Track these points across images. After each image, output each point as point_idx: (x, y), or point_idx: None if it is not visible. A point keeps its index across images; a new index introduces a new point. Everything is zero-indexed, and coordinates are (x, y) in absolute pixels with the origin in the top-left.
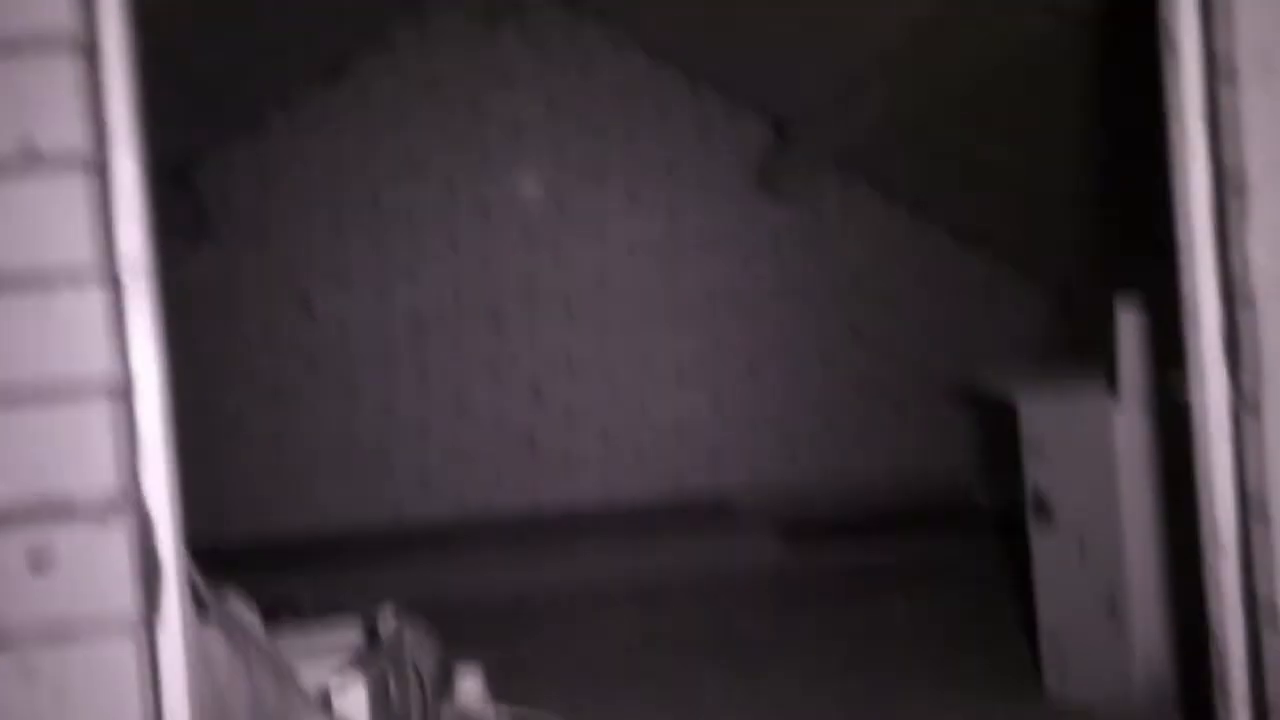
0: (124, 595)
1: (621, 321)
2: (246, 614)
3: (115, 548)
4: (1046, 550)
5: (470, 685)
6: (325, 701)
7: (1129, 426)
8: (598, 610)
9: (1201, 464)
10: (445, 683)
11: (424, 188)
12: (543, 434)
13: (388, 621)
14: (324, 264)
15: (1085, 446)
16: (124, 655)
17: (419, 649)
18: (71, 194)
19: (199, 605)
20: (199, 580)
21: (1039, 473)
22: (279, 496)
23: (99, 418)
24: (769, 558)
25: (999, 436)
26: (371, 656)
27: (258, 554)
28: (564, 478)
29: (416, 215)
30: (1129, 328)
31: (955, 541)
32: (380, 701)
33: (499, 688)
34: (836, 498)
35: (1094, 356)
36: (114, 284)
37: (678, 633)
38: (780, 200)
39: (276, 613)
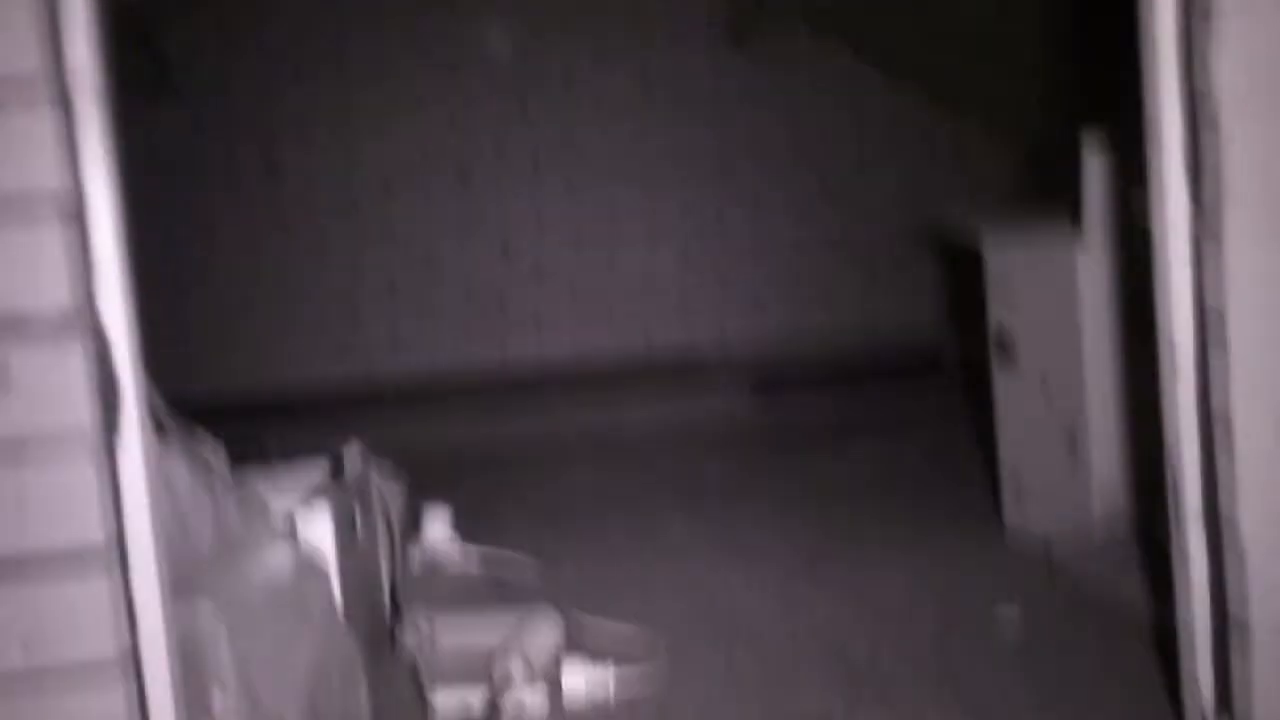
0: (82, 414)
1: (590, 178)
2: (211, 449)
3: (71, 367)
4: (1008, 389)
5: (438, 525)
6: (290, 530)
7: (1092, 264)
8: (566, 461)
9: (1161, 286)
10: (413, 524)
11: (390, 45)
12: (511, 291)
13: (353, 458)
14: (289, 122)
15: (1048, 285)
16: (84, 475)
17: (385, 489)
18: (16, 5)
19: (160, 430)
20: (159, 405)
21: (1002, 312)
22: (246, 354)
23: (51, 236)
24: (738, 411)
25: (967, 288)
26: (337, 490)
27: (224, 408)
28: (533, 335)
29: (383, 73)
30: (1094, 160)
31: (922, 393)
32: (346, 532)
33: (467, 530)
34: (805, 352)
35: (1061, 203)
36: (63, 102)
37: (645, 481)
38: (751, 58)
39: (243, 457)
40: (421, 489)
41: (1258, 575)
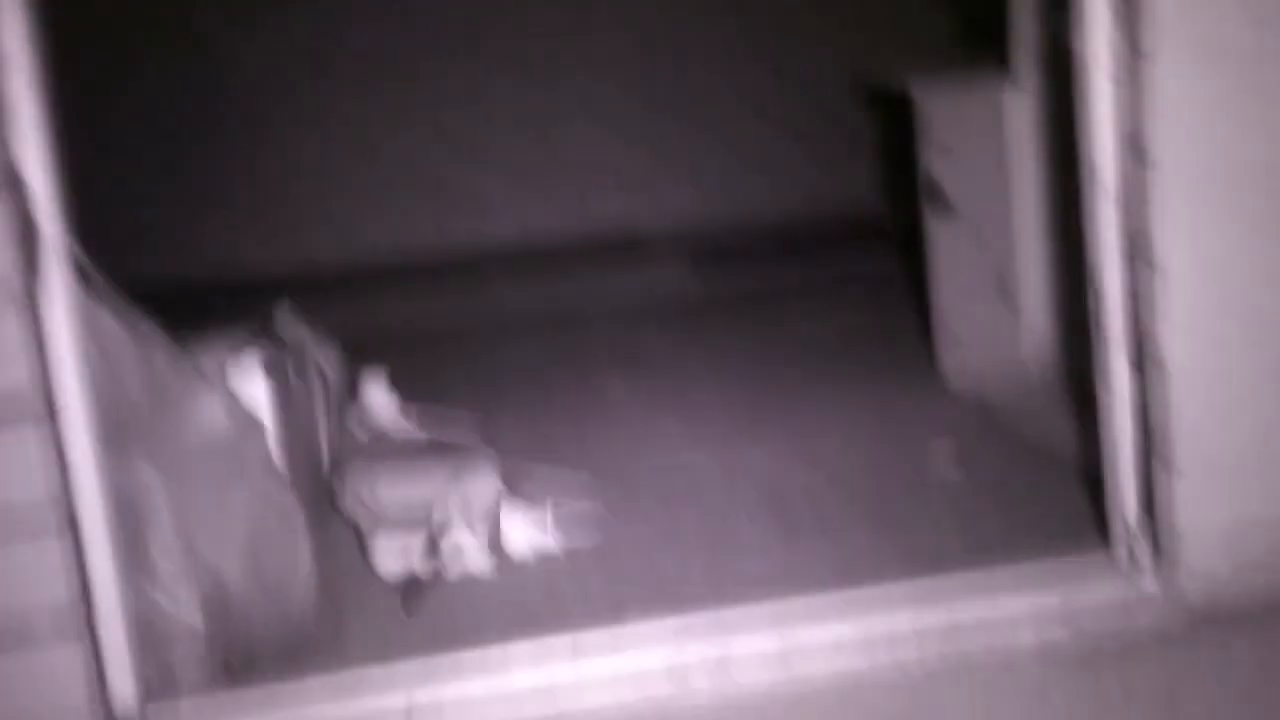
0: (2, 260)
1: (525, 56)
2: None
3: None
4: (942, 239)
5: (376, 390)
6: (224, 383)
7: (1021, 103)
8: (507, 335)
9: (1084, 109)
10: (351, 393)
11: None
12: (450, 173)
13: (286, 317)
14: (221, 2)
15: (977, 127)
16: (5, 320)
17: (319, 351)
18: None
19: (86, 282)
20: (82, 257)
21: (934, 159)
22: (175, 240)
23: None
24: (679, 283)
25: (906, 149)
26: (269, 345)
27: (162, 293)
28: (473, 216)
29: None
30: None
31: (862, 258)
32: (280, 386)
33: (406, 396)
34: (745, 225)
35: (994, 52)
36: None
37: (586, 350)
38: None
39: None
40: (360, 362)
41: (1181, 397)
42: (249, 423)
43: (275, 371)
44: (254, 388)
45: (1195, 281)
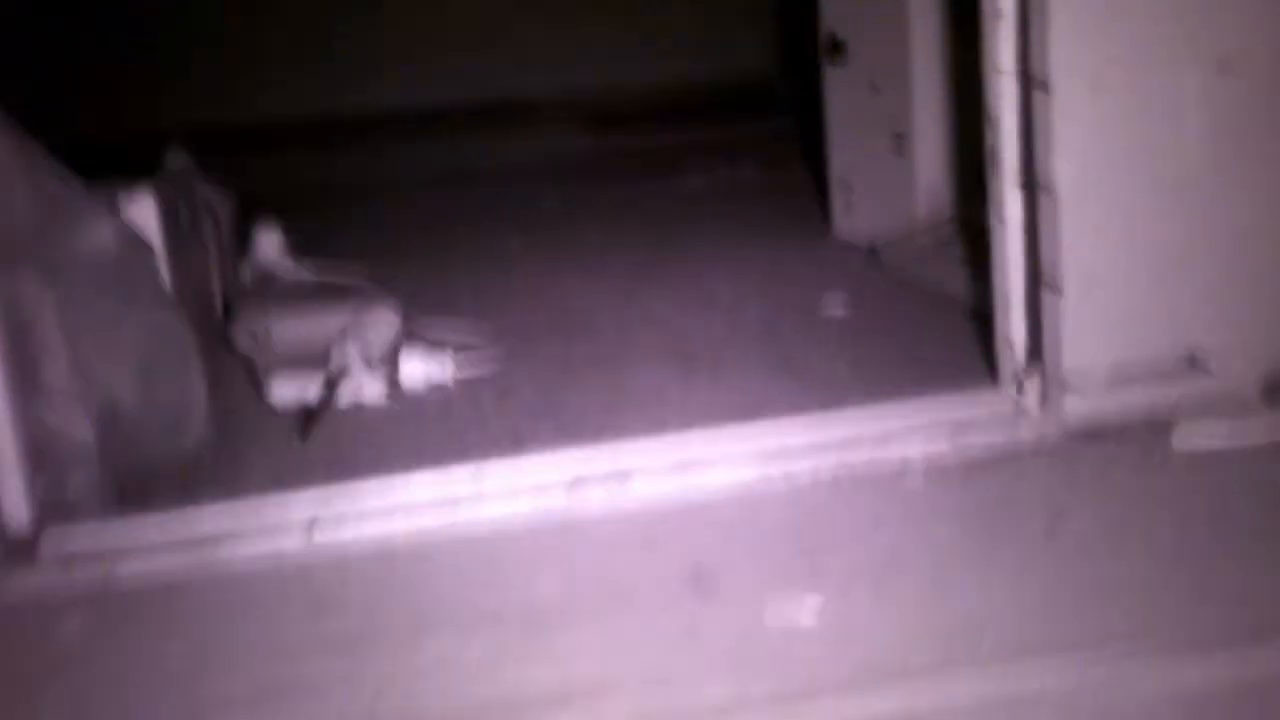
0: None
1: None
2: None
3: None
4: (838, 91)
5: (270, 242)
6: (115, 212)
7: None
8: (403, 196)
9: None
10: (245, 247)
11: None
12: (341, 42)
13: (177, 158)
14: None
15: None
16: None
17: (213, 196)
18: None
19: None
20: None
21: (832, 12)
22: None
23: None
24: (575, 148)
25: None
26: (161, 181)
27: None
28: (367, 82)
29: None
30: None
31: (759, 123)
32: (171, 218)
33: (301, 250)
34: (640, 92)
35: None
36: None
37: (483, 209)
38: None
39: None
40: (253, 216)
41: (1069, 221)
42: (139, 247)
43: (167, 207)
44: (144, 216)
45: (1085, 105)
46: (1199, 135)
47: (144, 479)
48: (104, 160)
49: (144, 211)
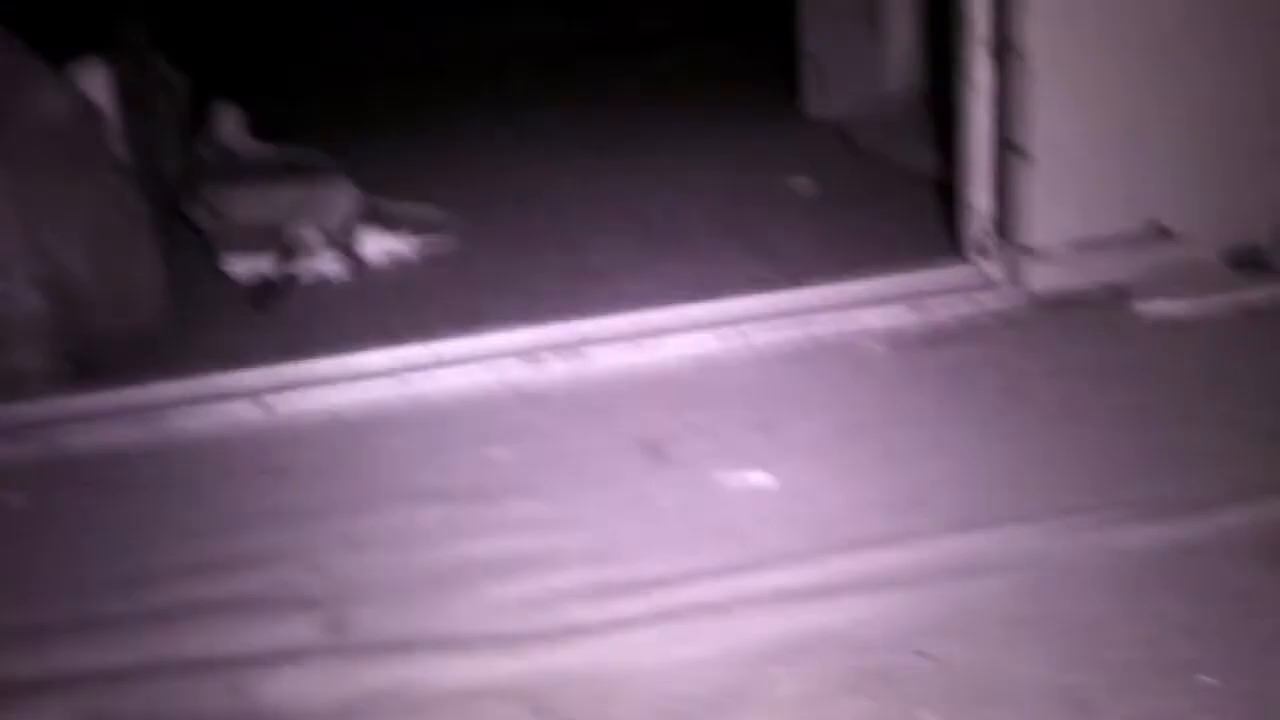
0: None
1: None
2: None
3: None
4: None
5: (229, 123)
6: (66, 82)
7: None
8: (370, 77)
9: None
10: (203, 127)
11: None
12: None
13: (131, 32)
14: None
15: None
16: None
17: (169, 72)
18: None
19: None
20: None
21: None
22: None
23: None
24: (545, 31)
25: None
26: (114, 53)
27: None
28: None
29: None
30: None
31: (730, 2)
32: (125, 94)
33: (264, 135)
34: None
35: None
36: None
37: (450, 91)
38: None
39: None
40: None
41: (1039, 96)
42: (91, 118)
43: (120, 75)
44: (97, 88)
45: None
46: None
47: (97, 352)
48: (59, 33)
49: (97, 82)
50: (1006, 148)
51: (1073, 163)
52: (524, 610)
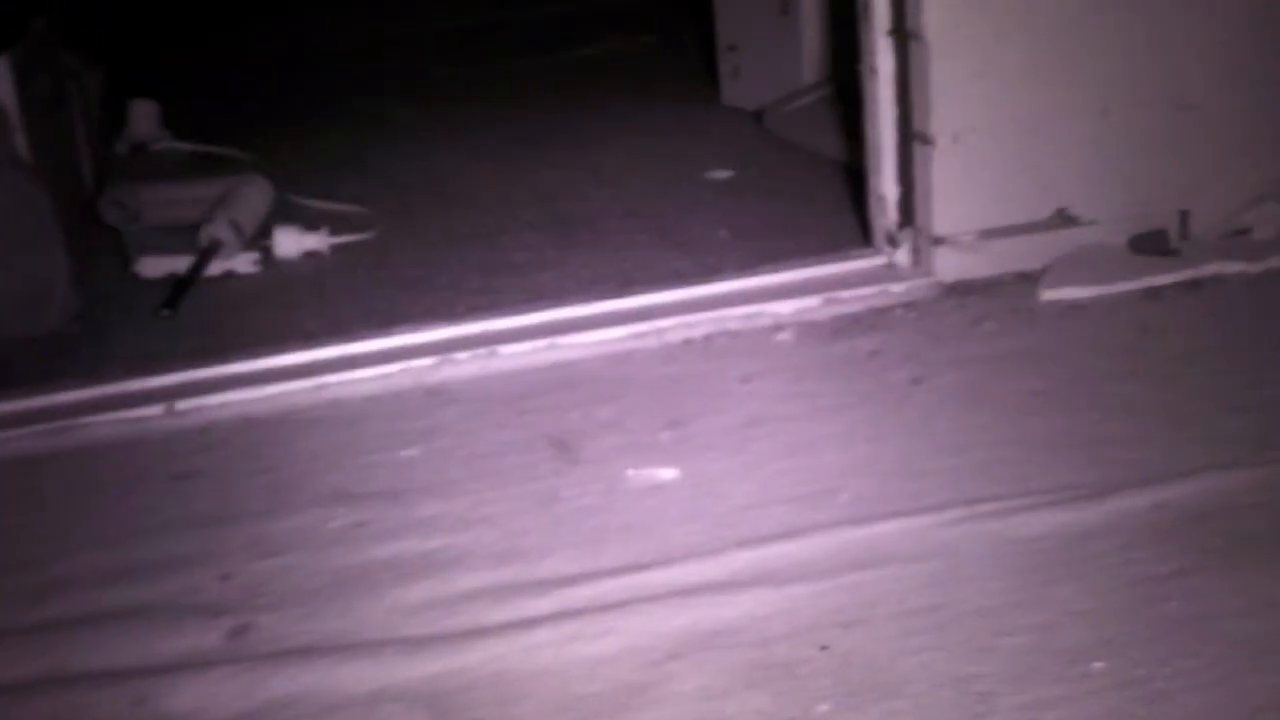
0: None
1: None
2: None
3: None
4: None
5: (145, 119)
6: None
7: None
8: (290, 68)
9: None
10: (119, 123)
11: None
12: None
13: (38, 24)
14: None
15: None
16: None
17: (81, 65)
18: None
19: None
20: None
21: None
22: None
23: None
24: (470, 22)
25: None
26: (20, 48)
27: None
28: None
29: None
30: None
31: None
32: (30, 89)
33: (182, 131)
34: None
35: None
36: None
37: (371, 82)
38: None
39: None
40: (132, 91)
41: (940, 81)
42: None
43: (24, 71)
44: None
45: None
46: None
47: (4, 355)
48: None
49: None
50: (913, 137)
51: (979, 151)
52: (429, 612)
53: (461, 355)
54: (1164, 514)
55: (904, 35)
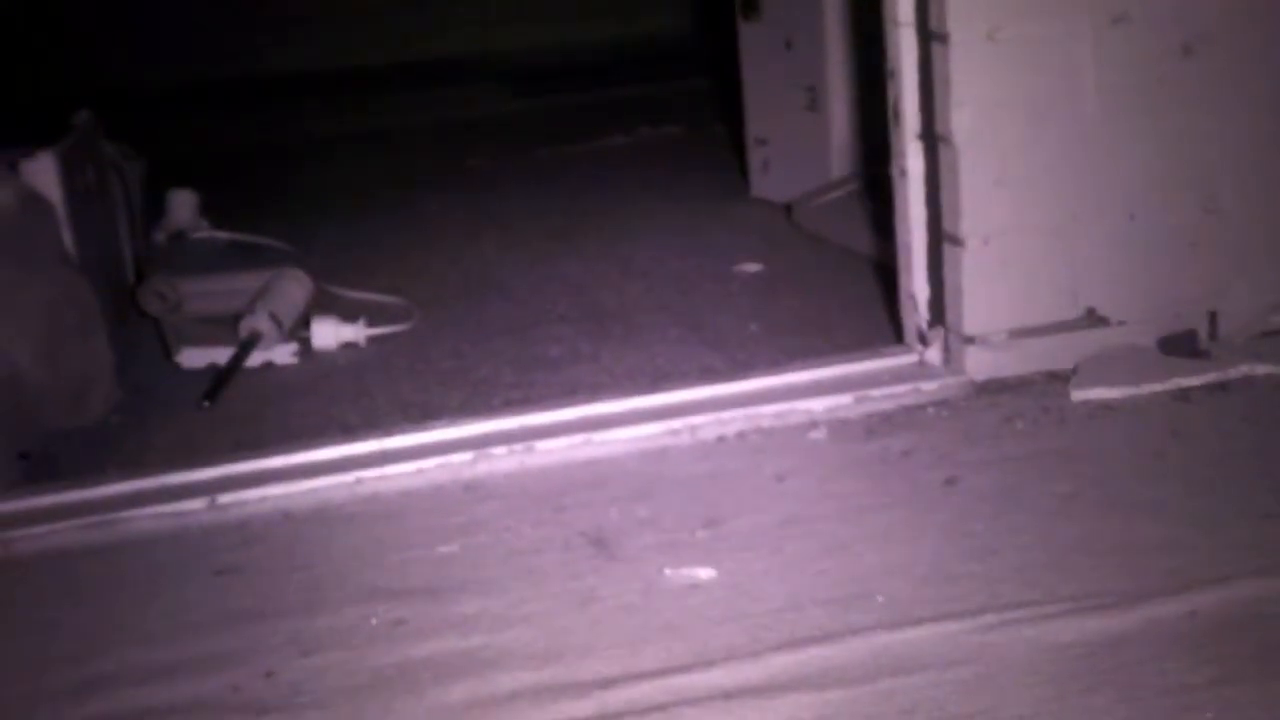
0: None
1: None
2: None
3: None
4: (753, 48)
5: (184, 209)
6: (14, 177)
7: None
8: (324, 157)
9: None
10: (159, 213)
11: None
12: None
13: (83, 121)
14: None
15: None
16: None
17: (122, 160)
18: None
19: None
20: None
21: None
22: None
23: None
24: (500, 111)
25: None
26: (65, 145)
27: None
28: (288, 42)
29: None
30: None
31: (682, 90)
32: (74, 184)
33: (219, 220)
34: (565, 56)
35: None
36: None
37: (402, 172)
38: None
39: None
40: (170, 181)
41: (969, 183)
42: (41, 210)
43: (71, 170)
44: (45, 179)
45: (982, 56)
46: (1094, 86)
47: (48, 447)
48: (10, 123)
49: (45, 173)
50: (943, 238)
51: (1006, 248)
52: (469, 713)
53: (498, 450)
54: (1197, 622)
55: (933, 139)
